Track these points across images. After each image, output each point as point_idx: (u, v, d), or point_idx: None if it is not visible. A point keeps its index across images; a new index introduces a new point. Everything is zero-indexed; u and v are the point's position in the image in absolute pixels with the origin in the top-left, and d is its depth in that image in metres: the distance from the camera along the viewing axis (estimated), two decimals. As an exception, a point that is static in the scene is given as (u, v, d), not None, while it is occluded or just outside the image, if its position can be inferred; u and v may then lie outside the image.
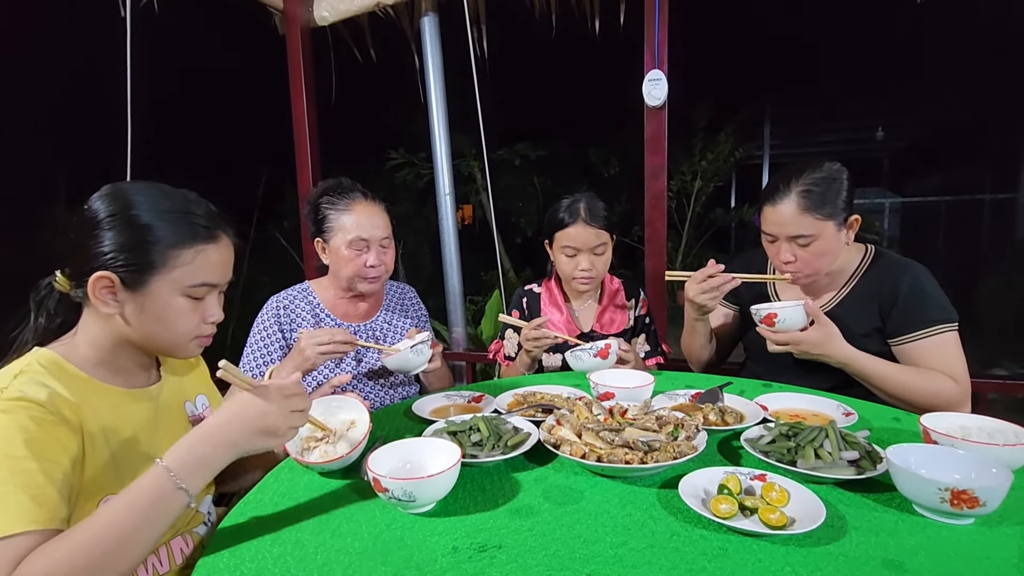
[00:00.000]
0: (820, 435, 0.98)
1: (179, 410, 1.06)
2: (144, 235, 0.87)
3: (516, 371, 1.77)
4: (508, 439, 1.04)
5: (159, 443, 0.98)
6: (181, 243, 0.89)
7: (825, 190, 1.39)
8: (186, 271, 0.90)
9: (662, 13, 2.15)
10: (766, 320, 1.39)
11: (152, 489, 0.77)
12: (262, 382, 0.86)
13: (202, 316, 0.95)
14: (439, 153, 2.81)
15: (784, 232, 1.43)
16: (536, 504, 0.89)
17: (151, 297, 0.89)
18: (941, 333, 1.37)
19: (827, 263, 1.46)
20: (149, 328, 0.91)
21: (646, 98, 2.18)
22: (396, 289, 1.84)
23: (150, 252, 0.87)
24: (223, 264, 0.96)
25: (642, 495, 0.90)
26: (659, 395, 1.32)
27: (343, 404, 1.10)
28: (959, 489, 0.77)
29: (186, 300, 0.92)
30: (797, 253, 1.43)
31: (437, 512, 0.87)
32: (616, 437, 0.99)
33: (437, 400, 1.38)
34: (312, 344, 1.33)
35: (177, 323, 0.92)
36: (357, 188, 1.62)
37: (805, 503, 0.83)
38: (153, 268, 0.88)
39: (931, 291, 1.41)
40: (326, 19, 2.68)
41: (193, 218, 0.91)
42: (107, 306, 0.88)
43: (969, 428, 1.01)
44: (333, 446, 1.02)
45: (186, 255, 0.90)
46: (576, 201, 1.72)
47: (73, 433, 0.82)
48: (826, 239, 1.41)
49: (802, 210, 1.39)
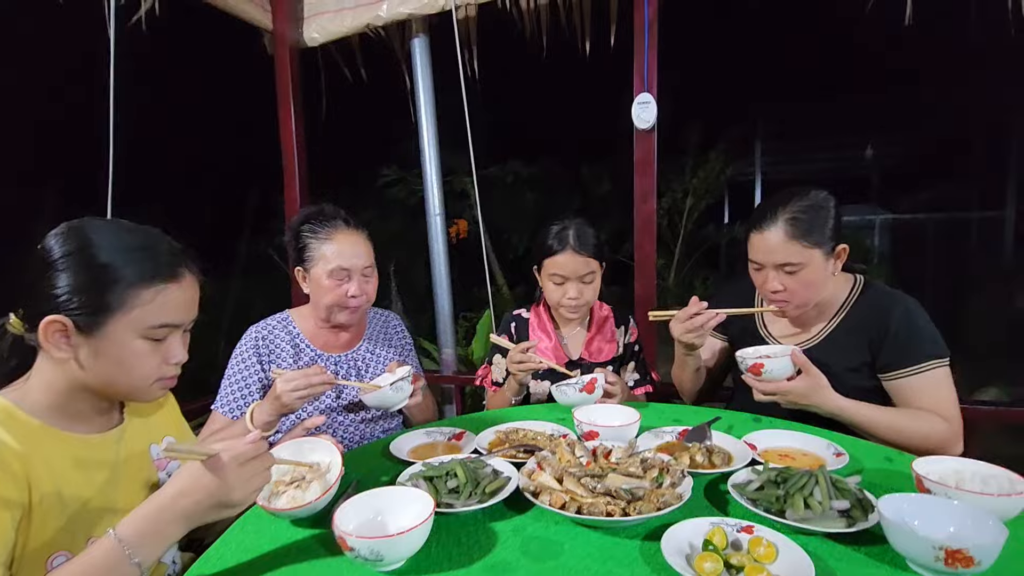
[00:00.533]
0: (810, 482, 0.94)
1: (143, 455, 1.01)
2: (100, 275, 0.83)
3: (503, 397, 1.73)
4: (487, 485, 1.00)
5: (119, 494, 0.93)
6: (140, 283, 0.85)
7: (812, 218, 1.38)
8: (145, 312, 0.86)
9: (651, 37, 2.15)
10: (752, 369, 1.34)
11: (103, 562, 0.73)
12: (215, 450, 0.80)
13: (163, 358, 0.90)
14: (429, 174, 2.79)
15: (771, 260, 1.41)
16: (513, 560, 0.84)
17: (107, 341, 0.85)
18: (932, 369, 1.35)
19: (815, 293, 1.43)
20: (106, 373, 0.87)
21: (635, 121, 2.17)
22: (379, 317, 1.80)
23: (106, 294, 0.83)
24: (186, 303, 0.91)
25: (625, 548, 0.86)
26: (645, 432, 1.29)
27: (315, 446, 1.05)
28: (953, 548, 0.74)
29: (145, 342, 0.87)
30: (784, 282, 1.41)
31: (408, 570, 0.82)
32: (598, 484, 0.95)
33: (417, 438, 1.34)
34: (288, 390, 1.28)
35: (136, 367, 0.88)
36: (340, 215, 1.58)
37: (793, 561, 0.79)
38: (109, 310, 0.84)
39: (922, 325, 1.38)
40: (316, 40, 2.67)
41: (153, 255, 0.87)
42: (59, 351, 0.84)
43: (963, 473, 0.97)
44: (303, 491, 0.97)
45: (145, 295, 0.86)
46: (565, 228, 1.68)
47: (18, 488, 0.77)
48: (814, 268, 1.39)
49: (789, 238, 1.37)
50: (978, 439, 1.84)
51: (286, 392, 1.28)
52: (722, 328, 1.70)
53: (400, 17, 2.51)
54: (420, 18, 2.60)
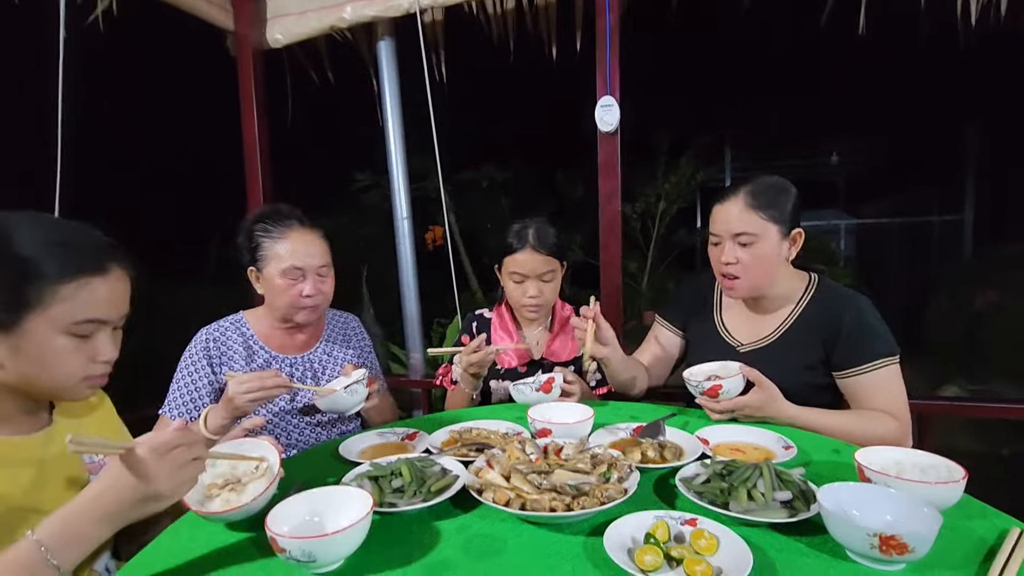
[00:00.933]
0: (754, 474, 0.95)
1: (73, 458, 0.97)
2: (18, 270, 0.79)
3: (462, 394, 1.71)
4: (432, 484, 0.98)
5: (45, 496, 0.89)
6: (61, 277, 0.81)
7: (772, 195, 1.42)
8: (67, 307, 0.82)
9: (613, 41, 2.18)
10: (709, 392, 1.34)
11: (20, 564, 0.70)
12: (128, 444, 0.76)
13: (90, 356, 0.86)
14: (396, 177, 2.77)
15: (729, 230, 1.44)
16: (454, 558, 0.82)
17: (27, 338, 0.81)
18: (884, 367, 1.38)
19: (765, 273, 1.45)
20: (26, 372, 0.83)
21: (599, 123, 2.19)
22: (338, 319, 1.77)
23: (25, 289, 0.79)
24: (113, 298, 0.87)
25: (568, 545, 0.85)
26: (600, 429, 1.28)
27: (254, 448, 1.02)
28: (887, 535, 0.74)
29: (69, 339, 0.83)
30: (739, 255, 1.43)
31: (343, 571, 0.80)
32: (544, 480, 0.94)
33: (368, 439, 1.31)
34: (240, 392, 1.24)
35: (59, 365, 0.84)
36: (295, 215, 1.55)
37: (734, 552, 0.78)
38: (27, 306, 0.80)
39: (874, 324, 1.41)
40: (279, 41, 2.64)
41: (76, 248, 0.84)
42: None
43: (904, 464, 0.99)
44: (237, 494, 0.94)
45: (66, 290, 0.82)
46: (525, 227, 1.69)
47: None
48: (768, 243, 1.41)
49: (748, 207, 1.41)
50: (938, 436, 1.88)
51: (238, 394, 1.25)
52: (680, 325, 1.72)
53: (364, 19, 2.49)
54: (385, 21, 2.58)
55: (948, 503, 0.90)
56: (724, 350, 1.55)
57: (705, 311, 1.66)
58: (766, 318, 1.53)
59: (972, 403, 2.28)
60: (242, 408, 1.26)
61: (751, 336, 1.54)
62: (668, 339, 1.74)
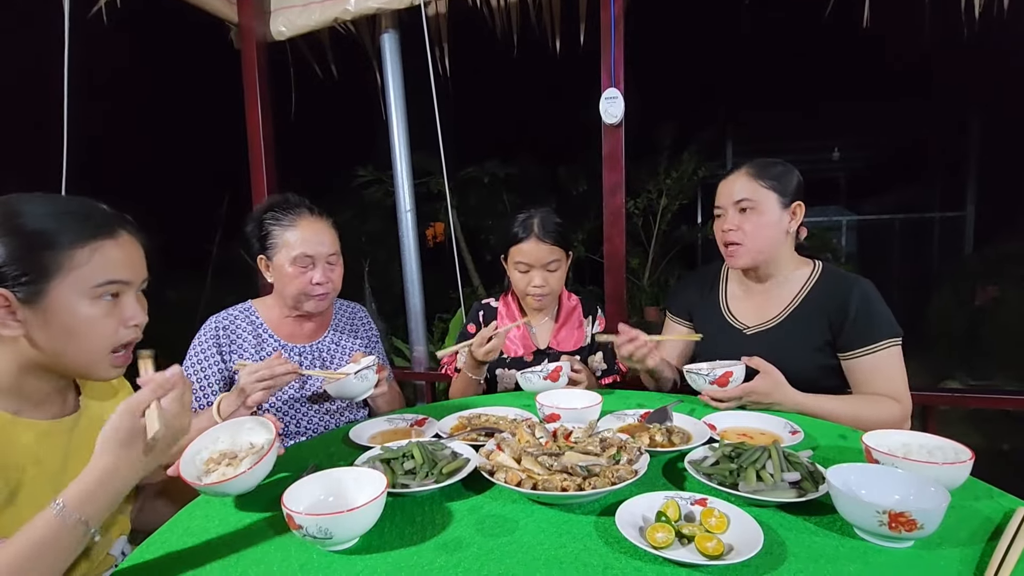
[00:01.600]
0: (763, 456, 0.96)
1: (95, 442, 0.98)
2: (33, 241, 0.80)
3: (468, 381, 1.72)
4: (444, 466, 0.99)
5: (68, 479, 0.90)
6: (74, 242, 0.82)
7: (774, 169, 1.50)
8: (85, 272, 0.83)
9: (617, 32, 2.18)
10: (720, 380, 1.35)
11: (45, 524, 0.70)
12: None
13: (120, 320, 0.87)
14: (399, 171, 2.78)
15: (730, 199, 1.50)
16: (467, 537, 0.83)
17: (53, 308, 0.82)
18: (887, 348, 1.39)
19: (767, 243, 1.49)
20: (58, 344, 0.83)
21: (603, 116, 2.19)
22: (346, 308, 1.78)
23: (41, 258, 0.80)
24: (129, 260, 0.88)
25: (579, 524, 0.86)
26: (607, 415, 1.29)
27: (255, 426, 1.03)
28: (896, 512, 0.75)
29: (95, 305, 0.84)
30: (740, 222, 1.49)
31: (359, 549, 0.81)
32: (555, 462, 0.95)
33: (378, 425, 1.32)
34: (251, 382, 1.25)
35: (90, 333, 0.84)
36: (304, 204, 1.56)
37: (744, 530, 0.79)
38: (47, 275, 0.81)
39: (878, 307, 1.43)
40: (283, 34, 2.64)
41: (85, 217, 0.85)
42: (7, 328, 0.81)
43: (911, 446, 1.00)
44: (233, 469, 0.95)
45: (81, 255, 0.83)
46: (530, 216, 1.70)
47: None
48: (769, 212, 1.47)
49: (748, 176, 1.50)
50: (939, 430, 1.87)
51: (250, 383, 1.26)
52: (686, 316, 1.73)
53: (368, 11, 2.49)
54: (389, 13, 2.58)
55: (955, 484, 0.91)
56: (730, 334, 1.56)
57: (711, 297, 1.67)
58: (772, 302, 1.54)
59: (972, 395, 2.29)
60: (256, 397, 1.27)
61: (757, 319, 1.55)
62: (680, 332, 1.74)
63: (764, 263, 1.52)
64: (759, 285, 1.58)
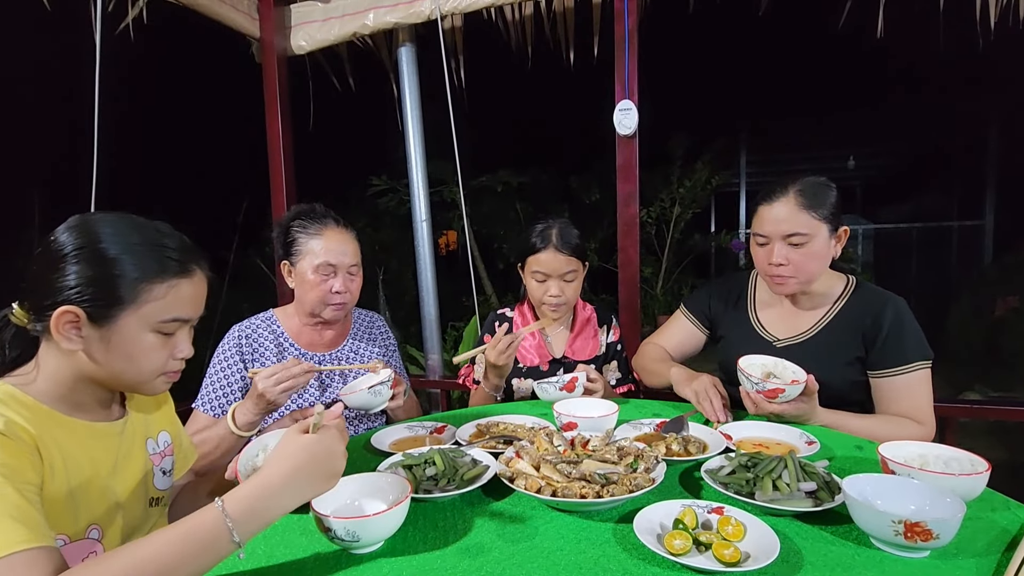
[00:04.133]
0: (779, 465, 0.97)
1: (140, 448, 1.01)
2: (112, 269, 0.83)
3: (484, 394, 1.74)
4: (465, 472, 1.01)
5: (118, 483, 0.94)
6: (153, 277, 0.86)
7: (820, 193, 1.42)
8: (157, 306, 0.86)
9: (631, 45, 2.21)
10: (769, 393, 1.29)
11: (204, 532, 0.71)
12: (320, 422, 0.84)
13: (171, 352, 0.91)
14: (415, 180, 2.82)
15: (779, 230, 1.42)
16: (488, 542, 0.86)
17: (118, 333, 0.85)
18: (917, 371, 1.39)
19: (816, 271, 1.45)
20: (115, 365, 0.87)
21: (617, 127, 2.22)
22: (364, 317, 1.81)
23: (118, 287, 0.83)
24: (196, 298, 0.92)
25: (597, 531, 0.88)
26: (624, 424, 1.31)
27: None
28: (912, 521, 0.76)
29: (155, 336, 0.88)
30: (789, 255, 1.42)
31: (384, 552, 0.84)
32: (573, 470, 0.97)
33: (398, 432, 1.35)
34: (270, 385, 1.28)
35: (145, 360, 0.88)
36: (330, 215, 1.61)
37: (761, 538, 0.81)
38: (122, 303, 0.84)
39: (911, 327, 1.42)
40: (303, 48, 2.70)
41: (165, 251, 0.88)
42: (70, 342, 0.84)
43: (927, 457, 1.01)
44: None
45: (158, 290, 0.86)
46: (549, 227, 1.72)
47: (34, 464, 0.77)
48: (819, 242, 1.41)
49: (800, 207, 1.40)
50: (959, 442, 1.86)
51: (269, 388, 1.29)
52: (705, 322, 1.73)
53: (386, 26, 2.55)
54: (406, 27, 2.64)
55: (971, 495, 0.91)
56: (760, 345, 1.55)
57: (739, 307, 1.66)
58: (804, 315, 1.54)
59: (992, 406, 2.27)
60: (274, 401, 1.30)
61: (788, 332, 1.54)
62: (690, 332, 1.74)
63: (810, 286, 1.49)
64: (790, 299, 1.56)
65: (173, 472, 1.07)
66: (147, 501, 0.99)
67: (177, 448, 1.09)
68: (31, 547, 0.66)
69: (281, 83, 2.66)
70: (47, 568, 0.66)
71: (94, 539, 0.86)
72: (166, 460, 1.05)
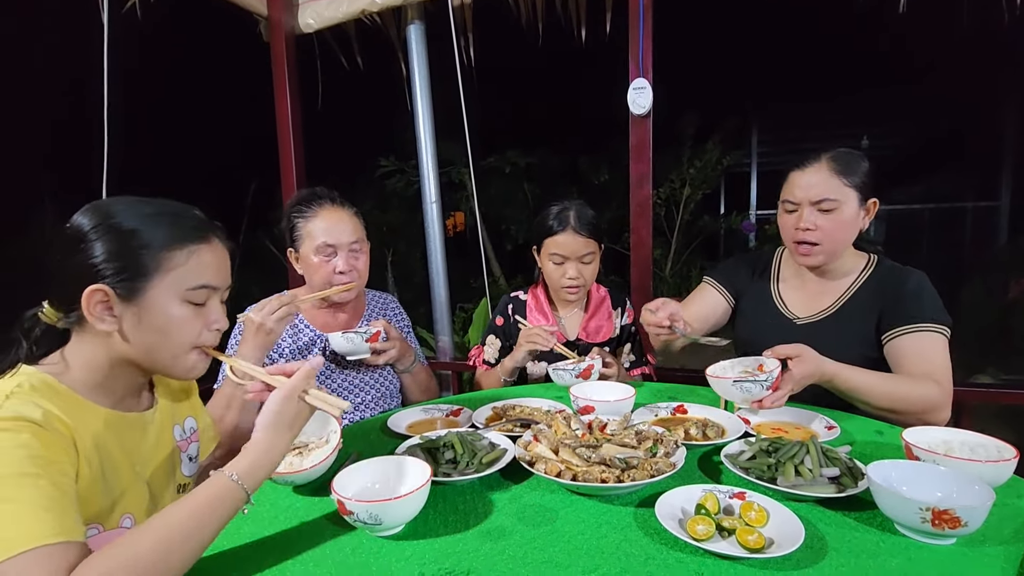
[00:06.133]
0: (801, 451, 0.96)
1: (169, 435, 1.02)
2: (131, 240, 0.84)
3: (495, 376, 1.74)
4: (483, 456, 1.01)
5: (149, 470, 0.94)
6: (172, 244, 0.86)
7: (852, 161, 1.42)
8: (182, 273, 0.86)
9: (646, 22, 2.15)
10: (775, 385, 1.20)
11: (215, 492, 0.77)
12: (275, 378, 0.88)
13: (205, 323, 0.91)
14: (425, 161, 2.79)
15: (809, 196, 1.41)
16: (509, 525, 0.86)
17: (148, 306, 0.85)
18: (931, 332, 1.35)
19: (843, 241, 1.44)
20: (149, 341, 0.87)
21: (631, 106, 2.17)
22: (378, 298, 1.81)
23: (141, 256, 0.84)
24: (219, 265, 0.92)
25: (618, 514, 0.88)
26: (641, 408, 1.30)
27: (316, 416, 1.06)
28: (940, 509, 0.75)
29: (186, 307, 0.88)
30: (818, 221, 1.41)
31: (406, 535, 0.84)
32: (593, 454, 0.96)
33: (414, 414, 1.35)
34: (264, 316, 1.30)
35: (178, 332, 0.88)
36: (327, 195, 1.60)
37: (784, 523, 0.80)
38: (147, 273, 0.84)
39: (930, 294, 1.40)
40: (311, 26, 2.66)
41: (179, 219, 0.88)
42: (103, 323, 0.84)
43: (952, 443, 0.99)
44: (301, 458, 0.99)
45: (179, 256, 0.86)
46: (566, 209, 1.70)
47: (68, 453, 0.78)
48: (848, 210, 1.40)
49: (832, 173, 1.40)
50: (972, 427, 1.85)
51: (267, 317, 1.30)
52: (730, 289, 1.67)
53: (395, 3, 2.50)
54: (415, 4, 2.59)
55: (998, 482, 0.90)
56: (780, 322, 1.53)
57: (762, 283, 1.63)
58: (825, 292, 1.52)
59: (1005, 390, 2.24)
60: (273, 330, 1.31)
61: (808, 310, 1.52)
62: (715, 301, 1.68)
63: (836, 257, 1.47)
64: (815, 276, 1.54)
65: (198, 457, 1.08)
66: (175, 488, 1.00)
67: (202, 433, 1.10)
68: (57, 542, 0.66)
69: (289, 62, 2.63)
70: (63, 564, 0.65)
71: (127, 528, 0.87)
72: (192, 446, 1.06)
